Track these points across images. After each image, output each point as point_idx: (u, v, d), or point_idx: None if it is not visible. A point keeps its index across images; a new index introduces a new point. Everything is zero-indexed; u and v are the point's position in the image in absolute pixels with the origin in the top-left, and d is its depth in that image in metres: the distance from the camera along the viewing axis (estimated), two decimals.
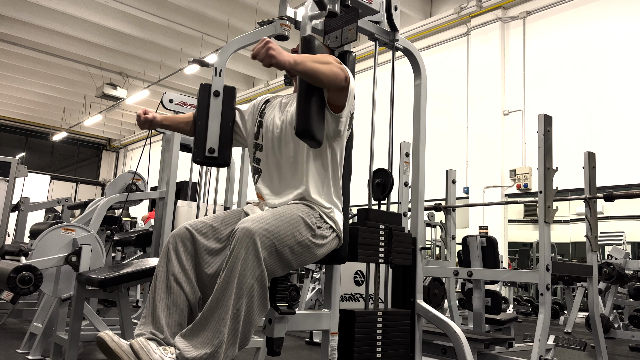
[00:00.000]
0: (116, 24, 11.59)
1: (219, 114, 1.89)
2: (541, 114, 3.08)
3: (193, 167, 3.69)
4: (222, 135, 1.88)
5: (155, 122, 1.99)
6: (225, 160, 1.88)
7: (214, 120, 1.89)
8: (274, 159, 1.89)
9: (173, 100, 3.50)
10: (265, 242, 1.53)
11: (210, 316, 1.48)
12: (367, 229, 2.02)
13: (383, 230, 2.07)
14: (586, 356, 4.25)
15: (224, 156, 1.87)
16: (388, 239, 2.08)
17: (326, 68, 1.64)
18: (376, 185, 2.40)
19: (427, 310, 2.23)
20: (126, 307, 2.62)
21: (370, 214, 2.08)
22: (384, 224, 2.08)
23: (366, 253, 1.99)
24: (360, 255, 1.96)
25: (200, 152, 1.86)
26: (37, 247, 2.94)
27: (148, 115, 1.96)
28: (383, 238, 2.07)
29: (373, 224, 2.05)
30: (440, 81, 9.64)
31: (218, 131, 1.88)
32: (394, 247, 2.09)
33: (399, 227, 2.16)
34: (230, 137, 1.90)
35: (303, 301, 5.31)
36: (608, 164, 7.35)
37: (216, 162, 1.88)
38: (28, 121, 19.50)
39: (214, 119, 1.89)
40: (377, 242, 2.04)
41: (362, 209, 2.11)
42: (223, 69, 1.96)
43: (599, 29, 8.33)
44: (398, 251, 2.11)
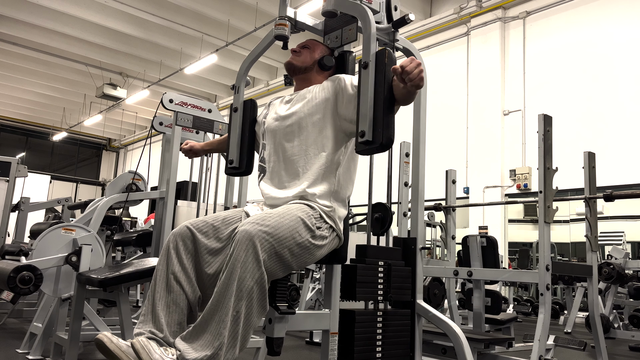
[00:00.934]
0: (116, 24, 11.59)
1: (237, 128, 2.07)
2: (541, 114, 3.08)
3: (193, 167, 3.70)
4: (242, 146, 2.05)
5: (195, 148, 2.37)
6: (247, 169, 2.07)
7: (233, 135, 2.07)
8: (275, 157, 1.90)
9: (173, 100, 3.50)
10: (264, 245, 1.53)
11: (210, 318, 1.49)
12: (366, 266, 2.00)
13: (382, 267, 2.05)
14: (586, 356, 4.25)
15: (244, 165, 2.06)
16: (387, 276, 2.06)
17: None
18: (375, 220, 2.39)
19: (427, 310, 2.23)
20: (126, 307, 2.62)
21: (369, 250, 2.06)
22: (383, 260, 2.07)
23: (365, 291, 1.97)
24: (359, 294, 1.94)
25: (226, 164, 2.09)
26: (37, 247, 2.94)
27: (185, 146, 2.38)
28: (382, 275, 2.04)
29: (372, 260, 2.03)
30: (440, 81, 9.65)
31: (237, 144, 2.05)
32: (393, 284, 2.07)
33: (398, 262, 2.14)
34: (251, 147, 2.06)
35: (303, 301, 5.31)
36: (608, 164, 7.35)
37: (238, 172, 2.08)
38: (28, 121, 19.51)
39: (233, 133, 2.07)
40: (376, 280, 2.02)
41: (360, 246, 2.09)
42: (241, 86, 2.13)
43: (599, 29, 8.33)
44: (397, 287, 2.10)
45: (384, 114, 1.61)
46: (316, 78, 2.00)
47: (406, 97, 1.65)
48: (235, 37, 11.41)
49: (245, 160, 2.06)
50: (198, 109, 3.62)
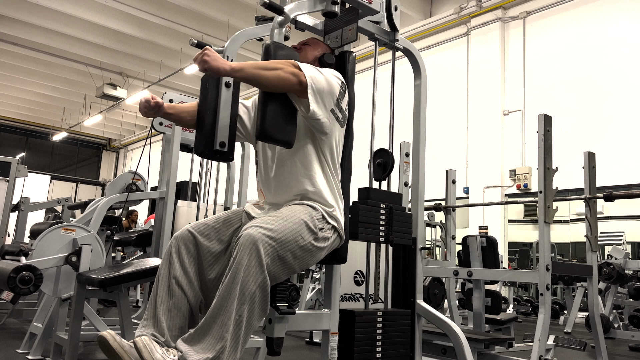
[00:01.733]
0: (116, 24, 11.59)
1: (229, 105, 1.77)
2: (541, 114, 3.08)
3: (193, 167, 3.69)
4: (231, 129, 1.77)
5: (162, 108, 1.88)
6: (232, 155, 1.80)
7: (224, 112, 1.76)
8: (273, 156, 1.89)
9: (173, 101, 3.50)
10: (267, 249, 1.53)
11: (212, 322, 1.49)
12: (368, 207, 2.01)
13: (384, 210, 2.06)
14: (586, 356, 4.25)
15: (231, 151, 1.78)
16: (389, 218, 2.07)
17: (271, 74, 1.63)
18: (377, 165, 2.40)
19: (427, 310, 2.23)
20: (126, 307, 2.62)
21: (371, 192, 2.08)
22: (385, 203, 2.08)
23: (367, 232, 1.99)
24: (361, 233, 1.96)
25: (209, 144, 1.73)
26: (37, 247, 2.94)
27: (158, 100, 1.85)
28: (384, 217, 2.06)
29: (374, 202, 2.05)
30: (440, 81, 9.64)
31: (229, 124, 1.76)
32: (395, 227, 2.09)
33: (399, 206, 2.16)
34: (235, 131, 1.81)
35: (303, 301, 5.31)
36: (608, 164, 7.35)
37: (225, 156, 1.79)
38: (28, 121, 19.51)
39: (225, 111, 1.76)
40: (378, 221, 2.04)
41: (363, 188, 2.11)
42: (234, 59, 1.88)
43: (599, 28, 8.33)
44: (399, 230, 2.11)
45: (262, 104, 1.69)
46: None
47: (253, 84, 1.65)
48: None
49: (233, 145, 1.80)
50: None
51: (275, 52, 1.77)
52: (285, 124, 1.69)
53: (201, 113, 1.78)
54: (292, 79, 1.66)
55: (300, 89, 1.69)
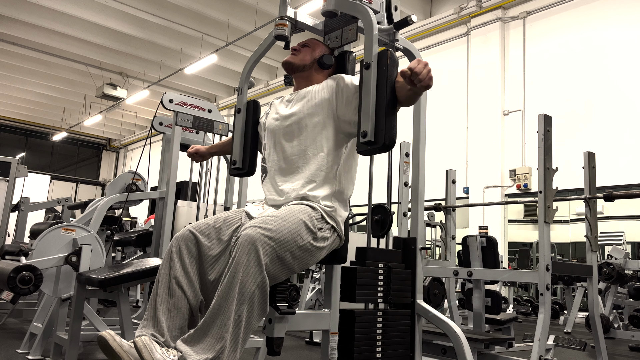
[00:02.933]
0: (116, 24, 11.59)
1: (240, 129, 2.08)
2: (541, 114, 3.08)
3: (193, 167, 3.69)
4: (245, 147, 2.06)
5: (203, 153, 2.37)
6: (249, 170, 2.09)
7: (236, 136, 2.09)
8: (276, 157, 1.91)
9: (173, 100, 3.50)
10: (266, 249, 1.53)
11: (212, 322, 1.49)
12: (366, 269, 1.99)
13: (382, 270, 2.05)
14: (586, 356, 4.25)
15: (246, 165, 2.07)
16: (387, 279, 2.05)
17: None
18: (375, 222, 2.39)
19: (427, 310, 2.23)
20: (126, 307, 2.62)
21: (368, 252, 2.06)
22: (383, 263, 2.07)
23: (364, 294, 1.97)
24: (359, 296, 1.94)
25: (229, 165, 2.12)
26: (37, 247, 2.94)
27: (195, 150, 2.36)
28: (382, 277, 2.04)
29: (372, 263, 2.03)
30: (440, 81, 9.64)
31: (239, 145, 2.07)
32: (393, 286, 2.07)
33: (398, 264, 2.14)
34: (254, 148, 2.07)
35: (303, 301, 5.31)
36: (608, 164, 7.35)
37: (241, 172, 2.10)
38: (28, 121, 19.51)
39: (237, 134, 2.09)
40: (376, 282, 2.02)
41: (360, 248, 2.09)
42: (244, 88, 2.16)
43: (599, 29, 8.33)
44: (397, 289, 2.10)
45: (387, 114, 1.61)
46: (316, 77, 2.00)
47: (411, 98, 1.65)
48: (235, 37, 11.41)
49: (249, 161, 2.08)
50: (198, 109, 3.62)
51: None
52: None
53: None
54: None
55: None
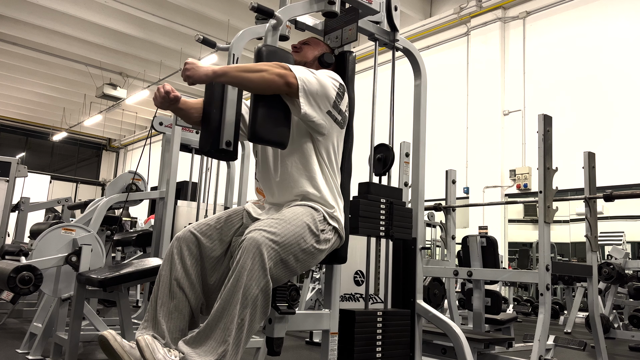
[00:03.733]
0: (116, 24, 11.59)
1: (234, 104, 1.76)
2: (541, 114, 3.08)
3: (193, 167, 3.70)
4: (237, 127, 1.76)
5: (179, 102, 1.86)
6: (236, 155, 1.79)
7: (230, 111, 1.75)
8: (273, 156, 1.89)
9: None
10: (271, 253, 1.53)
11: (215, 325, 1.49)
12: (368, 202, 2.01)
13: (384, 204, 2.07)
14: (586, 356, 4.25)
15: (236, 150, 1.77)
16: (389, 213, 2.07)
17: (255, 76, 1.64)
18: (377, 160, 2.40)
19: (427, 310, 2.23)
20: (126, 307, 2.62)
21: (371, 187, 2.08)
22: (385, 198, 2.08)
23: (367, 226, 1.98)
24: (362, 228, 1.96)
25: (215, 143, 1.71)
26: (37, 247, 2.94)
27: (177, 94, 1.82)
28: (384, 212, 2.06)
29: (374, 197, 2.05)
30: (440, 81, 9.64)
31: (233, 123, 1.74)
32: (395, 222, 2.09)
33: (399, 201, 2.16)
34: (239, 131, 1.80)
35: (303, 301, 5.31)
36: (608, 164, 7.35)
37: (229, 155, 1.77)
38: (28, 121, 19.50)
39: (231, 110, 1.75)
40: (378, 216, 2.04)
41: (363, 183, 2.11)
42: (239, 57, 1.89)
43: (599, 28, 8.33)
44: (399, 225, 2.11)
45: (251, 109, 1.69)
46: None
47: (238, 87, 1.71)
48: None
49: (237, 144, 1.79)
50: None
51: (267, 55, 1.76)
52: (276, 125, 1.69)
53: (207, 111, 1.77)
54: (278, 80, 1.66)
55: (289, 90, 1.69)
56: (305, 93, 1.70)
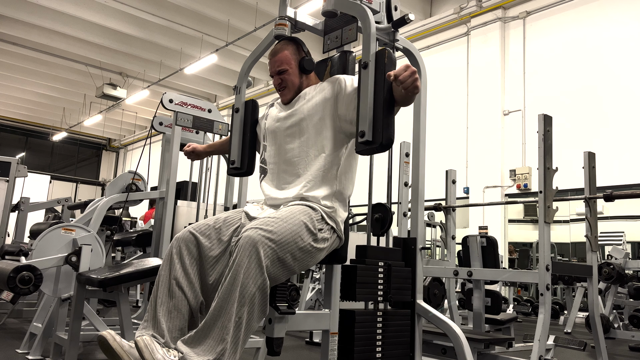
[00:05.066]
0: (116, 24, 11.59)
1: (238, 129, 2.07)
2: (541, 114, 3.08)
3: (193, 167, 3.69)
4: (243, 147, 2.05)
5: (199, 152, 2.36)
6: (248, 169, 2.08)
7: (234, 135, 2.07)
8: (277, 159, 1.91)
9: (173, 100, 3.50)
10: (267, 251, 1.54)
11: (213, 324, 1.49)
12: (366, 267, 1.99)
13: (382, 268, 2.05)
14: (586, 356, 4.25)
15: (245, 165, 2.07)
16: (387, 277, 2.05)
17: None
18: (375, 220, 2.39)
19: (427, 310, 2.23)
20: (126, 307, 2.62)
21: (368, 251, 2.05)
22: (383, 261, 2.06)
23: (364, 292, 1.96)
24: (359, 294, 1.94)
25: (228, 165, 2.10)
26: (37, 247, 2.94)
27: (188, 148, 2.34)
28: (382, 275, 2.04)
29: (372, 261, 2.02)
30: (440, 81, 9.64)
31: (238, 144, 2.06)
32: (393, 284, 2.07)
33: (398, 262, 2.14)
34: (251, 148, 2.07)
35: (303, 301, 5.31)
36: (608, 164, 7.35)
37: (239, 172, 2.09)
38: (28, 121, 19.50)
39: (235, 134, 2.07)
40: (376, 281, 2.01)
41: (360, 246, 2.08)
42: (242, 87, 2.17)
43: (599, 28, 8.33)
44: (397, 287, 2.09)
45: (384, 114, 1.61)
46: (309, 82, 2.00)
47: (405, 98, 1.65)
48: (235, 37, 11.40)
49: (247, 161, 2.07)
50: (198, 109, 3.62)
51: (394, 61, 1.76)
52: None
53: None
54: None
55: None
56: None
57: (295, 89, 1.96)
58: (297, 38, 2.03)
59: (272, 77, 1.99)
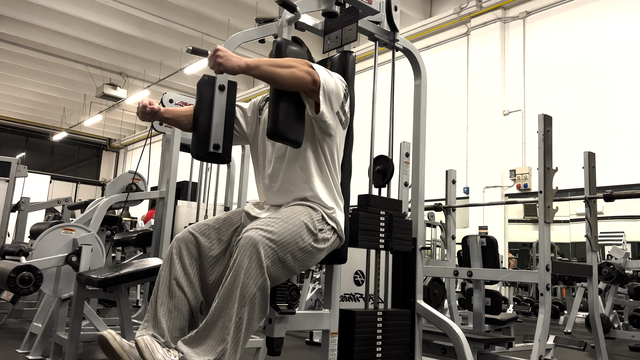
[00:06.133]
0: (116, 24, 11.59)
1: (223, 108, 1.80)
2: (541, 114, 3.08)
3: (193, 167, 3.69)
4: (227, 130, 1.80)
5: (159, 113, 1.93)
6: (228, 157, 1.81)
7: (218, 115, 1.80)
8: (273, 157, 1.89)
9: (173, 100, 3.50)
10: (268, 252, 1.54)
11: (213, 324, 1.49)
12: (368, 214, 2.01)
13: (384, 216, 2.07)
14: (586, 356, 4.25)
15: (227, 152, 1.80)
16: (389, 225, 2.07)
17: (286, 72, 1.63)
18: (376, 172, 2.40)
19: (427, 310, 2.23)
20: (126, 307, 2.62)
21: (370, 199, 2.08)
22: (385, 210, 2.08)
23: (367, 239, 1.99)
24: (361, 240, 1.96)
25: (203, 147, 1.76)
26: (37, 247, 2.94)
27: (154, 106, 1.90)
28: (384, 224, 2.06)
29: (374, 209, 2.05)
30: (440, 81, 9.64)
31: (223, 126, 1.79)
32: (395, 234, 2.09)
33: (399, 213, 2.16)
34: (232, 133, 1.83)
35: (303, 301, 5.31)
36: (608, 164, 7.35)
37: (219, 158, 1.81)
38: (28, 121, 19.50)
39: (219, 113, 1.80)
40: (378, 228, 2.04)
41: (362, 195, 2.10)
42: None
43: (598, 28, 8.33)
44: (398, 237, 2.11)
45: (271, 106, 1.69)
46: None
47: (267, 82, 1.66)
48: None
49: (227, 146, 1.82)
50: None
51: (287, 49, 1.76)
52: (296, 123, 1.70)
53: (196, 116, 1.79)
54: (307, 77, 1.67)
55: (314, 88, 1.69)
56: (324, 92, 1.72)
57: None
58: (296, 37, 2.03)
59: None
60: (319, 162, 1.82)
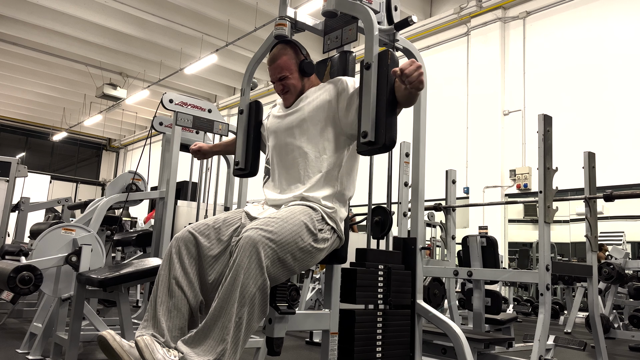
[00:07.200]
0: (116, 24, 11.59)
1: (243, 129, 2.09)
2: (541, 114, 3.08)
3: (193, 167, 3.69)
4: (247, 147, 2.07)
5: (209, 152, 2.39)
6: (252, 171, 2.09)
7: (239, 136, 2.10)
8: (278, 159, 1.91)
9: (173, 100, 3.50)
10: (267, 252, 1.54)
11: (213, 324, 1.49)
12: (366, 270, 1.99)
13: (382, 271, 2.05)
14: (586, 356, 4.25)
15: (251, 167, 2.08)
16: (387, 280, 2.05)
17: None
18: (375, 223, 2.39)
19: (427, 310, 2.23)
20: (126, 307, 2.62)
21: (368, 254, 2.05)
22: (384, 264, 2.06)
23: (364, 295, 1.97)
24: (359, 297, 1.94)
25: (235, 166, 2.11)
26: (37, 247, 2.94)
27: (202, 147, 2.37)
28: (382, 278, 2.04)
29: (371, 264, 2.03)
30: (440, 81, 9.64)
31: (242, 145, 2.08)
32: (393, 287, 2.07)
33: (398, 265, 2.14)
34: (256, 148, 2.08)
35: (303, 301, 5.31)
36: (608, 164, 7.35)
37: (244, 173, 2.09)
38: (28, 121, 19.51)
39: (240, 135, 2.10)
40: (376, 284, 2.01)
41: (360, 249, 2.09)
42: (246, 89, 2.19)
43: (599, 28, 8.33)
44: (397, 291, 2.09)
45: (387, 114, 1.61)
46: (310, 84, 1.99)
47: (408, 98, 1.65)
48: (235, 37, 11.40)
49: (251, 162, 2.08)
50: (198, 109, 3.62)
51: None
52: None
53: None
54: None
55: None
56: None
57: (297, 92, 1.96)
58: (294, 40, 2.01)
59: (273, 83, 1.98)
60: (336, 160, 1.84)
